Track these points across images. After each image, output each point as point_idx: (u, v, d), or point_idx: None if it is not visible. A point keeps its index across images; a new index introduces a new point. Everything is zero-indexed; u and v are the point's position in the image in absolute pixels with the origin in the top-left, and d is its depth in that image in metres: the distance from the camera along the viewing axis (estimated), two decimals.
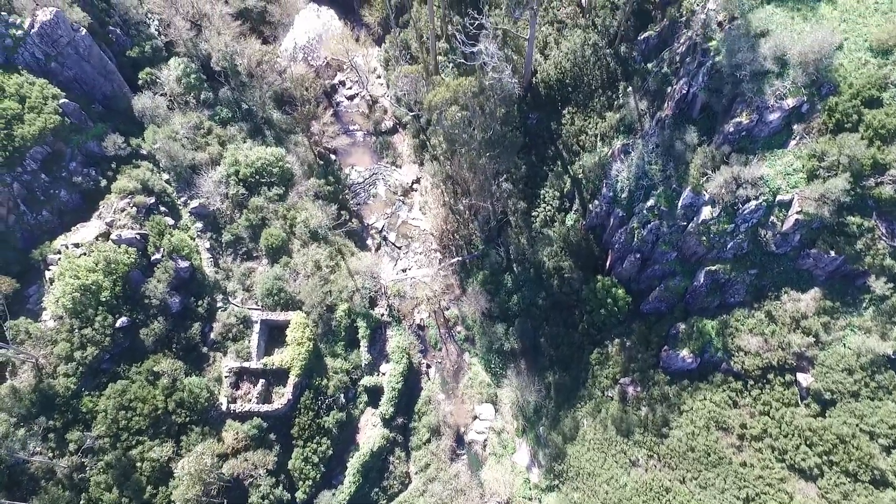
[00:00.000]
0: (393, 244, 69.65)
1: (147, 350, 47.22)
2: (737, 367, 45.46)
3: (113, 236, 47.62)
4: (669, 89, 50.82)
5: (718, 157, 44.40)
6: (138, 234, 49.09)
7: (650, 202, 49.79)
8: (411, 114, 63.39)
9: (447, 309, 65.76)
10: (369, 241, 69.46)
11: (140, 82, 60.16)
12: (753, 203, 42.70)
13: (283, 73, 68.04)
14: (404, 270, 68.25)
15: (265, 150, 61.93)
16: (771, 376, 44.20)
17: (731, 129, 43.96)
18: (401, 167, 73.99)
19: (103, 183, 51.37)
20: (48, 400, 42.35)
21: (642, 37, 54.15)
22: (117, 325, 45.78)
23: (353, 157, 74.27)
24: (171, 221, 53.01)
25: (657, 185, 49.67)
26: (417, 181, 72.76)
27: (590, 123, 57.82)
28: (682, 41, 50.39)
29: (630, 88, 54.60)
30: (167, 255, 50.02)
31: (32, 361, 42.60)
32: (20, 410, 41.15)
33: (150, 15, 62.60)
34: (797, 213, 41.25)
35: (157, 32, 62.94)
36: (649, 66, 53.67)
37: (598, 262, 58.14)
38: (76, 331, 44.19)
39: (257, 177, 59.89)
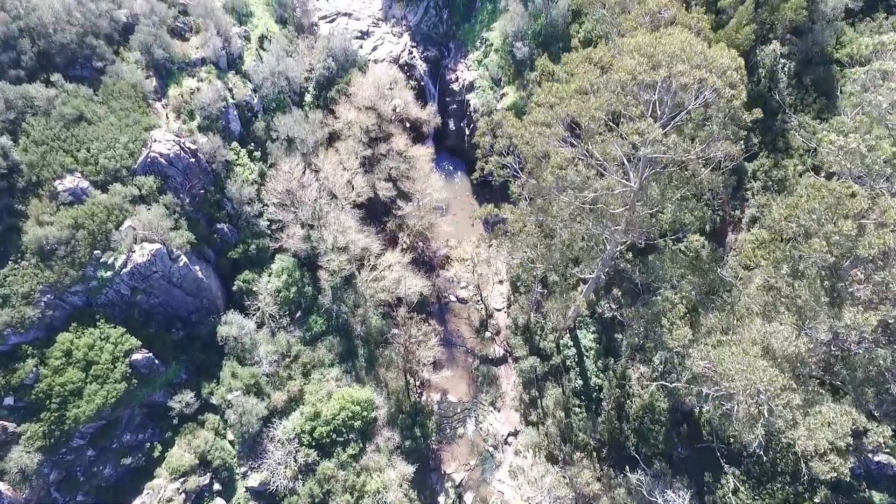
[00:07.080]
0: None
1: None
2: None
3: None
4: None
5: None
6: None
7: None
8: None
9: None
10: (441, 498, 58.42)
11: (235, 287, 52.15)
12: None
13: (396, 287, 58.23)
14: None
15: (351, 394, 52.23)
16: None
17: None
18: (499, 410, 62.39)
19: (157, 452, 43.19)
20: None
21: None
22: None
23: (448, 381, 63.41)
24: None
25: None
26: (515, 435, 60.91)
27: None
28: None
29: None
30: None
31: None
32: None
33: (265, 208, 54.26)
34: None
35: (267, 226, 54.56)
36: None
37: None
38: None
39: (334, 435, 50.24)
